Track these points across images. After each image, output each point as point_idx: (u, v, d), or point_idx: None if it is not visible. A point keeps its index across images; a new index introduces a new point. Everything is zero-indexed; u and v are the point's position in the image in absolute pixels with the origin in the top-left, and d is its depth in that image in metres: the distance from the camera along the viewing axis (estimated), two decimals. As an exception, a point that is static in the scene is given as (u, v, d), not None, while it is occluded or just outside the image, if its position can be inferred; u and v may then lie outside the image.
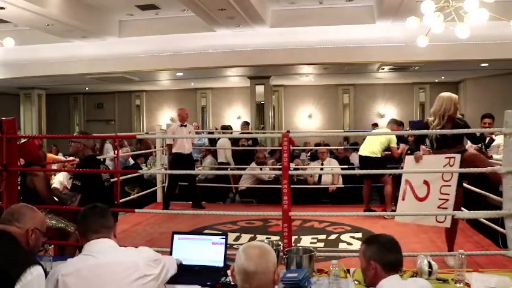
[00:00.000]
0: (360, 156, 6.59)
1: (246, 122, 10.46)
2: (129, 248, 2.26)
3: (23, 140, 4.48)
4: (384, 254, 2.07)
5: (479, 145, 4.73)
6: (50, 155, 6.34)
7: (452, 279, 2.69)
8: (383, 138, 6.37)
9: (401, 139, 6.87)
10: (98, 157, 4.89)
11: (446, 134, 3.93)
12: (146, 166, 9.12)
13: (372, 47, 10.16)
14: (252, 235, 5.29)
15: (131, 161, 9.31)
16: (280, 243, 3.40)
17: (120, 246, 2.21)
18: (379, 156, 6.30)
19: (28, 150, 4.25)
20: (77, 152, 4.26)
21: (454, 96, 4.13)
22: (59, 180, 6.11)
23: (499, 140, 5.15)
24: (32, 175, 4.13)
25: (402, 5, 8.36)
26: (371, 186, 6.58)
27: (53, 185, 6.12)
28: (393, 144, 6.43)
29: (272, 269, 1.83)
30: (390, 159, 6.78)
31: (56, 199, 4.38)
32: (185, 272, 2.66)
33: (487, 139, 5.44)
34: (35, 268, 1.90)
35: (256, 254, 1.82)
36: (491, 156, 5.13)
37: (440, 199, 3.80)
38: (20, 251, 2.02)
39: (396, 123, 6.77)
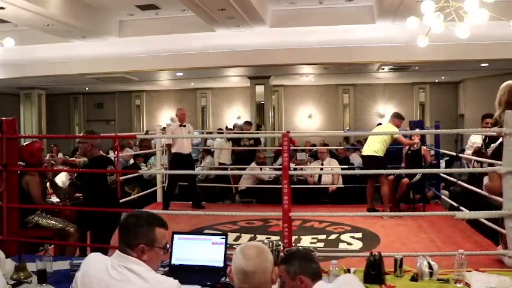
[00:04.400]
0: (362, 156, 6.58)
1: (249, 121, 10.38)
2: (151, 277, 1.83)
3: (25, 143, 4.47)
4: (309, 265, 2.06)
5: (480, 145, 4.71)
6: None
7: (452, 279, 2.69)
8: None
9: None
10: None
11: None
12: (146, 166, 9.11)
13: (372, 47, 10.14)
14: (252, 235, 5.29)
15: (132, 161, 9.31)
16: (280, 243, 3.40)
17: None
18: (381, 155, 6.28)
19: (31, 152, 4.24)
20: (85, 153, 4.25)
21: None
22: (61, 180, 6.15)
23: (498, 140, 5.13)
24: (28, 177, 4.12)
25: (402, 5, 8.35)
26: (374, 185, 6.57)
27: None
28: (397, 135, 6.35)
29: (270, 268, 1.83)
30: (391, 159, 6.74)
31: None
32: (185, 272, 2.66)
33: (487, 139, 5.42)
34: None
35: (254, 253, 1.83)
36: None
37: None
38: None
39: (398, 117, 6.63)
